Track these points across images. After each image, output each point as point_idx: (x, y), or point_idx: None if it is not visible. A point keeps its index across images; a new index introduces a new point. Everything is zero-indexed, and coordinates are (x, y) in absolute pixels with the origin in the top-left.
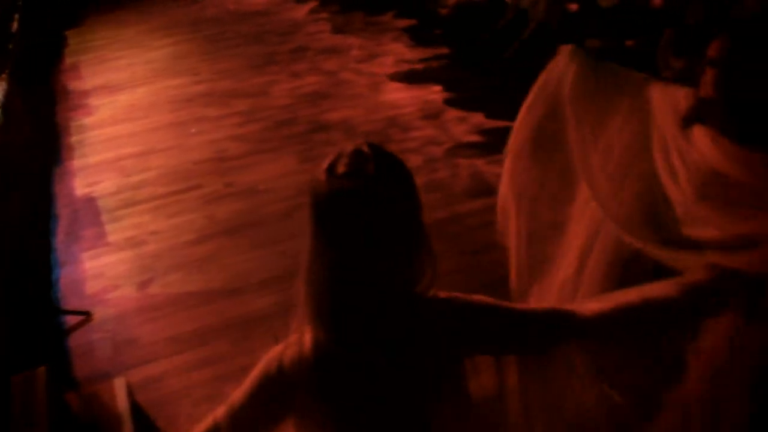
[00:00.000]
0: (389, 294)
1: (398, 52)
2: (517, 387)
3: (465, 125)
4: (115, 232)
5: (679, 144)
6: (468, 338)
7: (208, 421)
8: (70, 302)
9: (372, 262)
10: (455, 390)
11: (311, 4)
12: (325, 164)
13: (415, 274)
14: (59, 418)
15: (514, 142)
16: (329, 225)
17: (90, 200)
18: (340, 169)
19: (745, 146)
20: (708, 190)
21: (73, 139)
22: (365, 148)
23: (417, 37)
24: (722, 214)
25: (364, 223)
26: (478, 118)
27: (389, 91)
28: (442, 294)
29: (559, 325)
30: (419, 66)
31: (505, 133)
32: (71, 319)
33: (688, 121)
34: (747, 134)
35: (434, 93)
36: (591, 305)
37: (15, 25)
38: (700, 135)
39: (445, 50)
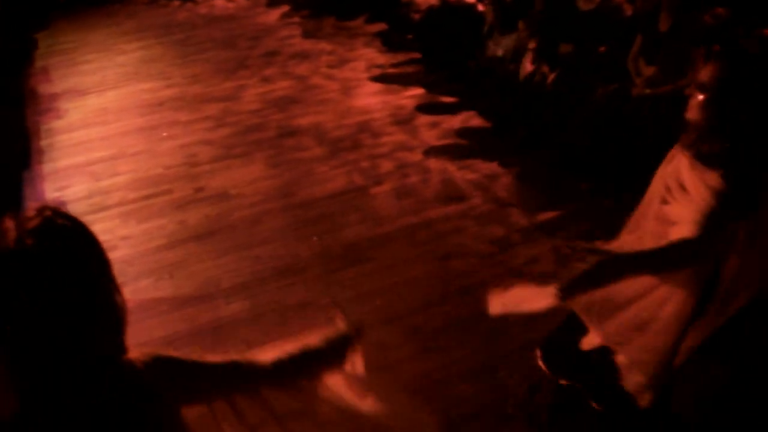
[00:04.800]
0: (81, 363)
1: (369, 57)
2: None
3: (436, 130)
4: None
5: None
6: (171, 392)
7: None
8: None
9: (51, 329)
10: None
11: (282, 9)
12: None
13: (105, 341)
14: None
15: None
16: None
17: (59, 205)
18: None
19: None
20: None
21: (43, 142)
22: (28, 215)
23: (388, 42)
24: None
25: (20, 292)
26: (449, 123)
27: (360, 96)
28: (144, 355)
29: (240, 373)
30: (391, 71)
31: (476, 137)
32: None
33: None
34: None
35: (405, 98)
36: (267, 354)
37: None
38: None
39: (416, 55)
